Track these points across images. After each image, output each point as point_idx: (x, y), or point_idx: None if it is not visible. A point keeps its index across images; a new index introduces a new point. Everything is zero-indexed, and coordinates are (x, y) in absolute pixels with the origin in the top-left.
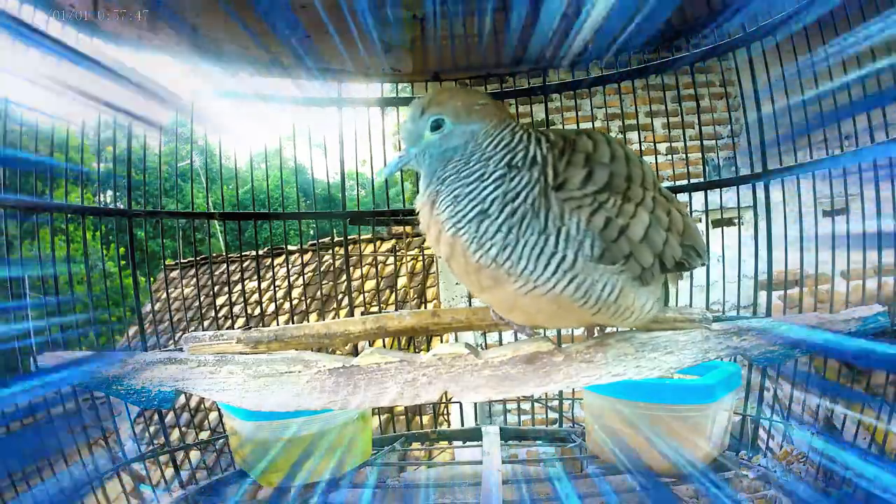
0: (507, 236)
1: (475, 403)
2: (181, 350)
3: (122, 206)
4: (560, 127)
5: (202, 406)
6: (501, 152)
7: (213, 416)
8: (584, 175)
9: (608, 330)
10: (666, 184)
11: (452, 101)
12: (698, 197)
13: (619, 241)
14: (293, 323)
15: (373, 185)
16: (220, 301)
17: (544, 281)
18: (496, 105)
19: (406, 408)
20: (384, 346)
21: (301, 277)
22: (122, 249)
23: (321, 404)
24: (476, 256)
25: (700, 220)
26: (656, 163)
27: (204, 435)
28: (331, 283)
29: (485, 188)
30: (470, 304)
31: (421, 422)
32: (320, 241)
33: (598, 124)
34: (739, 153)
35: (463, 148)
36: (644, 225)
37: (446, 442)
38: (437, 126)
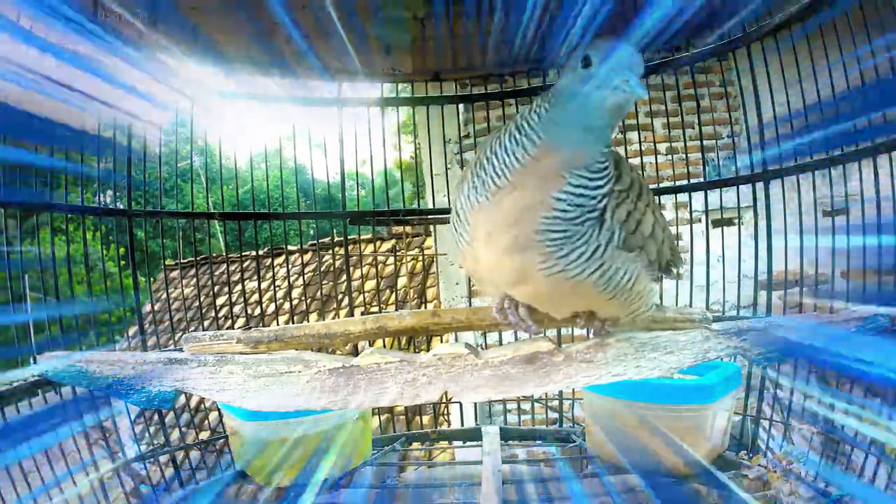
0: (580, 227)
1: (475, 403)
2: (181, 350)
3: (122, 206)
4: None
5: (202, 406)
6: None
7: (213, 416)
8: (617, 175)
9: (608, 330)
10: (666, 184)
11: None
12: (698, 197)
13: (636, 233)
14: (293, 323)
15: (373, 185)
16: (220, 301)
17: (575, 265)
18: None
19: (406, 408)
20: (384, 346)
21: (301, 277)
22: (122, 249)
23: (321, 404)
24: (539, 232)
25: (700, 221)
26: (656, 163)
27: (204, 435)
28: (331, 283)
29: (605, 184)
30: (470, 304)
31: (421, 422)
32: (320, 241)
33: None
34: (739, 153)
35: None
36: (651, 223)
37: (446, 442)
38: None
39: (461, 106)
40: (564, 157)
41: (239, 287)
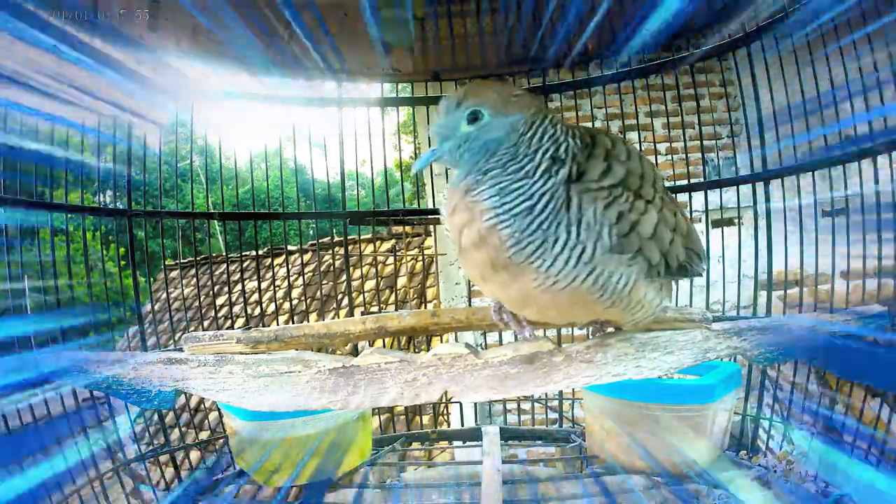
0: (545, 233)
1: (475, 403)
2: (181, 350)
3: (122, 206)
4: None
5: (202, 406)
6: (547, 143)
7: (213, 416)
8: (604, 169)
9: (609, 330)
10: (666, 184)
11: (489, 92)
12: (698, 197)
13: (630, 235)
14: (293, 323)
15: (373, 185)
16: (220, 301)
17: (565, 275)
18: (531, 96)
19: (406, 408)
20: (384, 346)
21: (301, 277)
22: (122, 249)
23: (321, 404)
24: (511, 251)
25: (700, 220)
26: (656, 163)
27: (204, 435)
28: (331, 283)
29: (534, 183)
30: (470, 304)
31: (421, 422)
32: (320, 241)
33: (598, 124)
34: (739, 153)
35: (506, 139)
36: (653, 222)
37: (446, 442)
38: (474, 118)
39: None
40: (458, 188)
41: (239, 287)
